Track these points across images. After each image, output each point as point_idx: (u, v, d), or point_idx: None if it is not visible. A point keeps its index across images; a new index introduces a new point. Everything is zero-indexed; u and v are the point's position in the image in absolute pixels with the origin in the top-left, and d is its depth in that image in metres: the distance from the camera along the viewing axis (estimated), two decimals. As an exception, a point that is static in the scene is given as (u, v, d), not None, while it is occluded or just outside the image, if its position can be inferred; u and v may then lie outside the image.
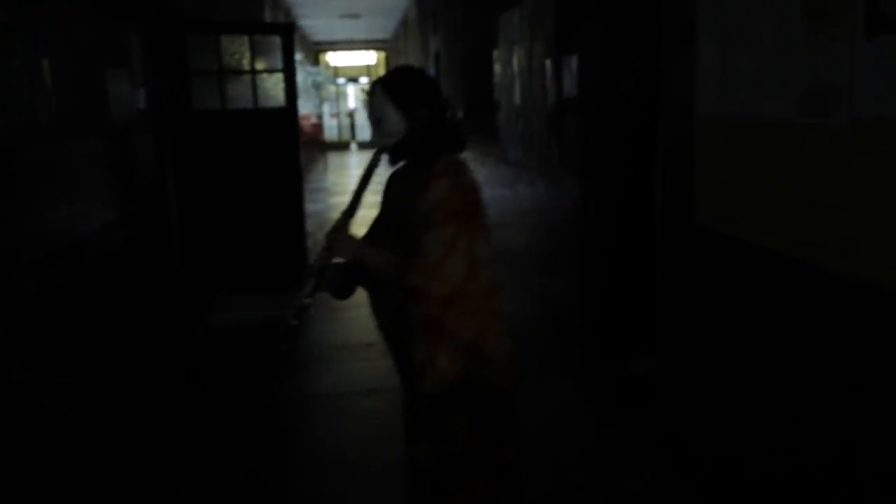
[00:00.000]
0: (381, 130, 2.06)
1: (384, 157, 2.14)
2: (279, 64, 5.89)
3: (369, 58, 23.66)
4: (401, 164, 2.18)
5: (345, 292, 2.20)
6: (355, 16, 15.64)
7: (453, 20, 8.90)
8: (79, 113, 3.41)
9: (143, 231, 4.35)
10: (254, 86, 5.75)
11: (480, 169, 7.33)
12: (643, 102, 3.79)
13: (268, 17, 11.39)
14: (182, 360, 4.58)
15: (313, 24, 17.18)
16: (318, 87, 18.99)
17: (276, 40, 5.85)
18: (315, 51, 22.46)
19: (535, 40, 5.25)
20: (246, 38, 5.69)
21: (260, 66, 6.43)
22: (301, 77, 16.76)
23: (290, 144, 5.95)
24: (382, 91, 2.05)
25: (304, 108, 17.41)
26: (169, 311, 4.88)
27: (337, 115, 24.14)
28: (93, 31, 3.68)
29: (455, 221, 1.92)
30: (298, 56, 16.83)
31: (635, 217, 3.94)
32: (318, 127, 19.24)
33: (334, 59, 23.87)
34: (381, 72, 23.75)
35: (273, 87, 5.96)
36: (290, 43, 5.84)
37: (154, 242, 4.73)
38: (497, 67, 6.66)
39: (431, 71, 11.00)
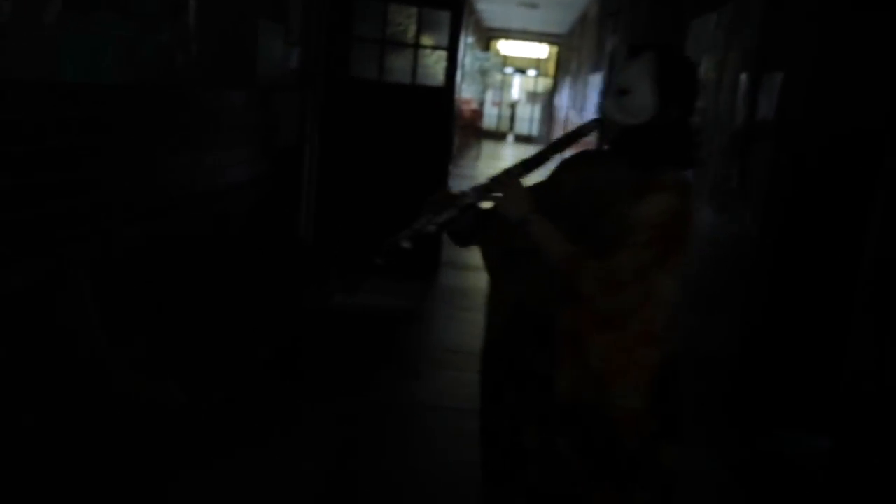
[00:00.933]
0: (619, 104, 1.72)
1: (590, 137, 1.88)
2: (445, 42, 5.55)
3: (541, 51, 23.13)
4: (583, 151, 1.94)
5: (468, 240, 1.97)
6: (533, 5, 15.18)
7: (637, 20, 8.28)
8: (221, 63, 3.17)
9: (273, 194, 4.13)
10: (415, 60, 5.44)
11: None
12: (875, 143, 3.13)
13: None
14: (283, 339, 4.34)
15: (489, 8, 16.86)
16: (483, 72, 18.69)
17: (445, 17, 5.51)
18: (487, 37, 22.18)
19: (731, 51, 4.62)
20: (414, 10, 5.36)
21: (426, 41, 6.14)
22: (468, 60, 16.53)
23: (442, 127, 5.62)
24: (653, 62, 1.70)
25: (467, 92, 17.19)
26: (285, 283, 4.66)
27: (499, 103, 23.83)
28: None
29: (658, 248, 1.66)
30: (469, 39, 16.60)
31: (836, 271, 3.31)
32: (478, 113, 18.96)
33: (505, 47, 23.52)
34: (551, 67, 23.44)
35: (434, 65, 5.64)
36: (459, 19, 5.48)
37: (284, 208, 4.52)
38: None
39: (603, 74, 10.40)
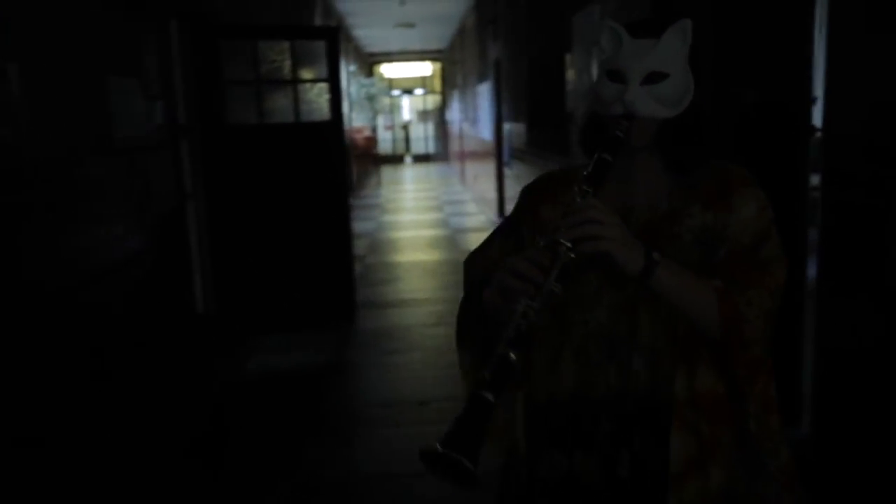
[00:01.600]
0: (654, 93, 1.27)
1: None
2: (325, 73, 5.21)
3: (425, 69, 23.05)
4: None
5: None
6: (410, 25, 15.01)
7: (516, 24, 8.14)
8: (64, 130, 2.74)
9: (159, 267, 3.68)
10: (296, 97, 5.08)
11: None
12: (777, 118, 2.95)
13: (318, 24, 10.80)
14: (199, 424, 3.88)
15: (367, 34, 16.62)
16: (371, 98, 18.43)
17: (322, 48, 5.17)
18: (369, 62, 21.94)
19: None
20: (287, 45, 5.00)
21: (306, 75, 5.78)
22: (353, 88, 16.22)
23: (335, 161, 5.26)
24: (684, 39, 1.29)
25: (358, 120, 16.88)
26: (191, 363, 4.20)
27: (391, 127, 23.62)
28: (90, 30, 3.02)
29: (782, 264, 1.29)
30: (352, 67, 16.30)
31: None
32: (372, 140, 18.67)
33: (389, 70, 23.35)
34: (438, 83, 23.42)
35: (318, 99, 5.29)
36: (336, 48, 5.15)
37: (174, 279, 4.06)
38: (570, 74, 5.86)
39: (490, 83, 10.26)
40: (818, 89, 2.83)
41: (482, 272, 1.44)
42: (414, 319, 5.66)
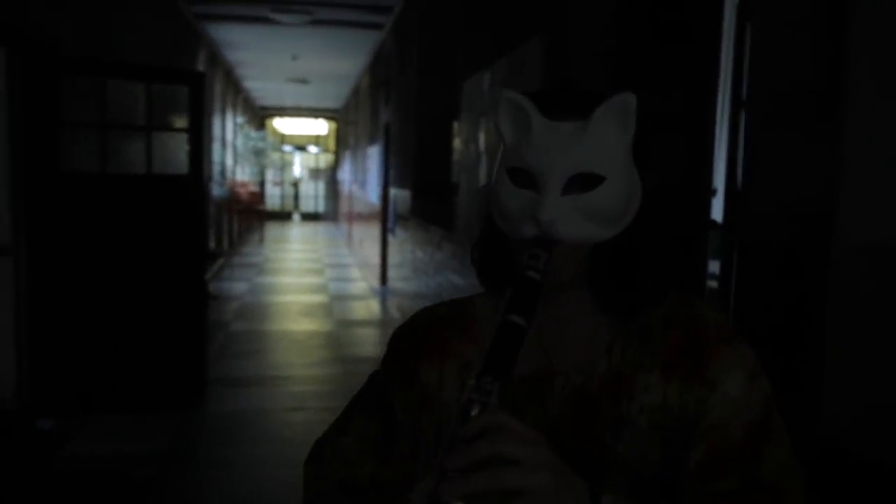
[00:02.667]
0: (584, 206, 0.85)
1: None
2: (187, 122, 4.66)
3: (320, 127, 22.62)
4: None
5: None
6: (304, 81, 14.60)
7: (408, 87, 7.84)
8: None
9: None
10: (148, 145, 4.49)
11: (430, 264, 6.11)
12: (676, 206, 2.62)
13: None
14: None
15: (259, 86, 16.09)
16: (258, 153, 17.81)
17: (184, 94, 4.62)
18: (261, 116, 21.35)
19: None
20: (141, 86, 4.43)
21: (176, 122, 5.20)
22: (240, 141, 15.60)
23: (190, 219, 4.67)
24: (624, 123, 0.86)
25: (243, 174, 16.23)
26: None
27: (280, 183, 22.97)
28: None
29: (796, 482, 0.86)
30: (239, 119, 15.70)
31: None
32: (258, 196, 17.99)
33: (282, 125, 22.80)
34: (332, 142, 23.03)
35: (179, 150, 4.72)
36: (199, 95, 4.62)
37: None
38: (457, 143, 5.53)
39: (380, 146, 9.90)
40: (719, 181, 2.54)
41: (334, 483, 0.96)
42: (272, 402, 5.04)
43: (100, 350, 4.41)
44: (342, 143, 19.63)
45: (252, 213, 16.51)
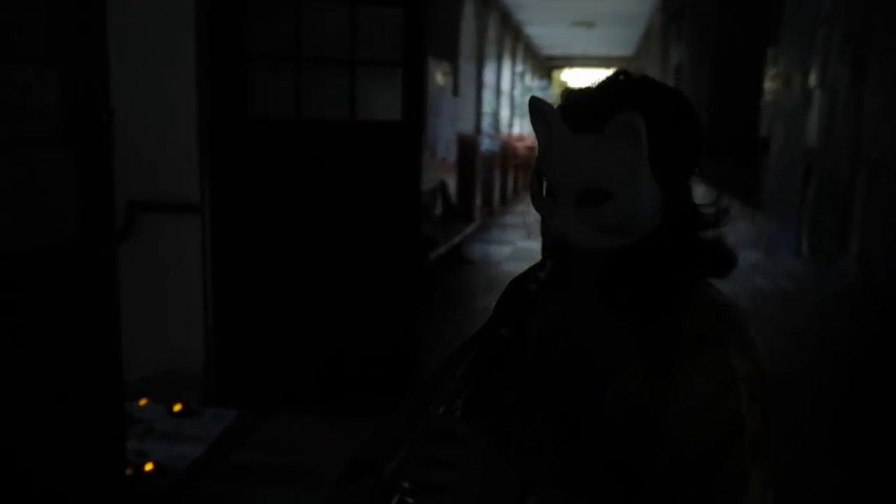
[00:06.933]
0: (592, 219, 0.90)
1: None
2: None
3: (610, 78, 21.14)
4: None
5: None
6: (590, 24, 13.28)
7: (704, 18, 6.24)
8: None
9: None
10: (352, 85, 3.58)
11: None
12: None
13: (471, 17, 9.35)
14: None
15: (542, 32, 15.06)
16: (539, 104, 16.85)
17: (399, 17, 3.63)
18: (548, 66, 20.40)
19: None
20: (345, 9, 3.52)
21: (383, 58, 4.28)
22: (517, 91, 14.70)
23: (406, 180, 3.74)
24: (633, 140, 0.86)
25: (521, 127, 15.40)
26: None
27: (564, 137, 21.98)
28: None
29: (743, 456, 0.84)
30: (519, 68, 14.80)
31: None
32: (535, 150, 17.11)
33: (570, 77, 21.65)
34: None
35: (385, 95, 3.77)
36: (418, 20, 3.61)
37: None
38: (771, 82, 3.97)
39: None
40: None
41: None
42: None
43: (291, 333, 3.67)
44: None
45: (529, 170, 15.69)
